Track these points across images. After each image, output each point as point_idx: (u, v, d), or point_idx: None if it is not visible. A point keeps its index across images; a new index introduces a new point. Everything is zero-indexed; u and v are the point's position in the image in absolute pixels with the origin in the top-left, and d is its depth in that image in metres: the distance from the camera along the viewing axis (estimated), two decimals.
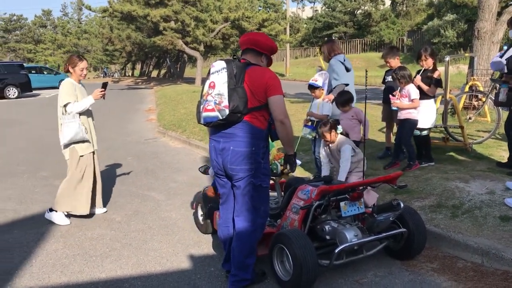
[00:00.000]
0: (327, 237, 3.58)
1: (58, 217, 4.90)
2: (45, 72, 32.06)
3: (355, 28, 39.38)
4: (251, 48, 3.27)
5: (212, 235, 4.42)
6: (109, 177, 6.71)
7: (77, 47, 45.82)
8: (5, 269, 3.83)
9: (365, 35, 37.94)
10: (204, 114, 3.14)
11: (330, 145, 4.76)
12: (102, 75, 48.05)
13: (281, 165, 4.51)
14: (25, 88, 23.60)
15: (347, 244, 3.33)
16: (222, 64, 3.13)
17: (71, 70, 4.87)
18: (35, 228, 4.80)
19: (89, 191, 4.95)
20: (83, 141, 4.85)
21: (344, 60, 5.61)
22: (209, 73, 3.20)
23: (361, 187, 3.68)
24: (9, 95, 22.79)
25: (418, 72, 5.85)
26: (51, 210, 4.95)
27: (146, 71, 44.76)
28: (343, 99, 5.14)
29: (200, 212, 4.63)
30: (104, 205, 5.38)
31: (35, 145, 9.78)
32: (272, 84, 3.13)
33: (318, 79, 5.38)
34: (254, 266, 3.43)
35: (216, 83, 3.10)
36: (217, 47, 27.31)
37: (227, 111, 3.03)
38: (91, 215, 5.07)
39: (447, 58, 6.12)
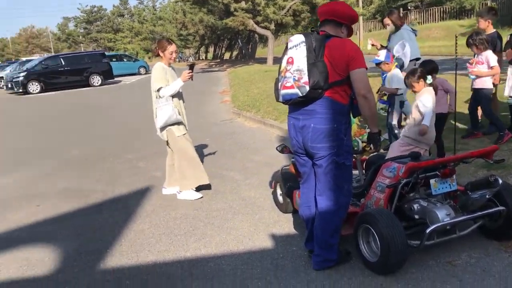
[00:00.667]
0: (416, 216, 3.39)
1: (189, 194, 5.10)
2: (124, 60, 33.59)
3: None
4: (330, 19, 3.10)
5: (292, 214, 4.36)
6: None
7: (153, 34, 47.40)
8: (98, 248, 4.03)
9: (444, 3, 35.60)
10: (283, 91, 3.04)
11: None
12: (178, 60, 49.43)
13: (362, 142, 4.33)
14: (107, 75, 24.90)
15: (439, 224, 3.12)
16: (301, 37, 2.99)
17: (161, 54, 4.93)
18: (123, 208, 5.02)
19: (198, 163, 5.13)
20: (178, 123, 4.96)
21: (413, 31, 5.69)
22: (286, 48, 3.09)
23: (452, 163, 3.43)
24: (93, 83, 24.17)
25: None
26: (180, 191, 5.16)
27: (219, 54, 45.43)
28: (427, 69, 4.83)
29: (279, 192, 4.58)
30: None
31: (119, 129, 10.27)
32: (355, 56, 2.96)
33: (380, 54, 5.36)
34: (339, 245, 3.32)
35: (295, 58, 2.97)
36: (288, 25, 26.91)
37: (307, 88, 2.90)
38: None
39: None
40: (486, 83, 5.34)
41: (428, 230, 3.10)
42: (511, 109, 5.38)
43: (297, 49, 2.98)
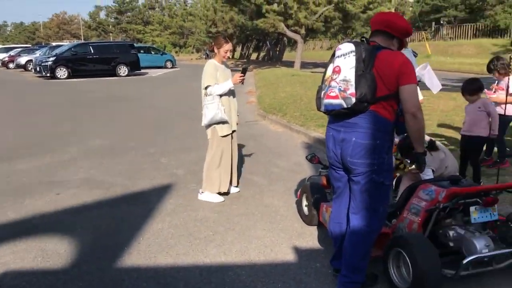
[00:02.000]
0: (451, 244, 3.19)
1: (212, 197, 5.00)
2: (152, 52, 33.78)
3: (467, 12, 36.41)
4: (382, 30, 2.93)
5: (317, 227, 4.20)
6: None
7: (182, 29, 47.63)
8: (116, 243, 3.92)
9: (478, 20, 34.94)
10: (326, 101, 2.87)
11: None
12: (204, 57, 49.55)
13: (396, 159, 4.15)
14: (134, 66, 25.01)
15: (477, 256, 2.93)
16: (350, 46, 2.82)
17: (215, 50, 4.95)
18: (142, 204, 4.91)
19: (228, 170, 5.02)
20: (223, 122, 4.87)
21: (414, 53, 5.44)
22: (333, 56, 2.93)
23: (495, 191, 3.23)
24: (120, 73, 24.29)
25: None
26: (202, 191, 5.07)
27: (245, 54, 45.37)
28: (473, 87, 4.60)
29: (304, 202, 4.42)
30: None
31: (144, 122, 10.21)
32: (406, 71, 2.78)
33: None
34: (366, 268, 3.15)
35: (342, 67, 2.80)
36: (318, 30, 26.71)
37: (353, 99, 2.73)
38: (227, 193, 5.12)
39: None
40: (507, 110, 5.11)
41: (465, 261, 2.91)
42: None
43: (345, 58, 2.81)
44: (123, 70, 24.43)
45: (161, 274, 3.42)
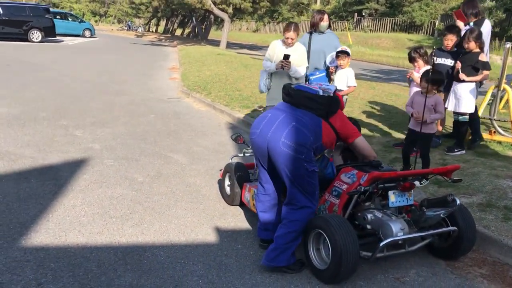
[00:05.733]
0: (368, 226, 3.27)
1: None
2: (69, 19, 31.78)
3: (387, 6, 38.03)
4: None
5: (238, 207, 4.15)
6: (131, 134, 6.44)
7: None
8: (21, 221, 3.60)
9: (396, 15, 36.65)
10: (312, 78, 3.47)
11: None
12: (126, 28, 47.48)
13: None
14: (49, 32, 23.32)
15: (393, 238, 3.02)
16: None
17: (283, 33, 5.35)
18: (53, 179, 4.57)
19: None
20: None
21: None
22: None
23: (412, 177, 3.35)
24: (33, 38, 22.52)
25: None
26: None
27: (170, 29, 44.03)
28: (438, 78, 4.57)
29: (227, 182, 4.34)
30: (127, 162, 5.17)
31: (59, 92, 9.51)
32: (352, 130, 3.42)
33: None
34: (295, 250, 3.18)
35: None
36: (246, 11, 26.50)
37: (330, 92, 3.26)
38: None
39: (508, 45, 5.59)
40: None
41: (382, 244, 2.99)
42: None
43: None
44: (36, 35, 22.66)
45: (72, 254, 3.18)
